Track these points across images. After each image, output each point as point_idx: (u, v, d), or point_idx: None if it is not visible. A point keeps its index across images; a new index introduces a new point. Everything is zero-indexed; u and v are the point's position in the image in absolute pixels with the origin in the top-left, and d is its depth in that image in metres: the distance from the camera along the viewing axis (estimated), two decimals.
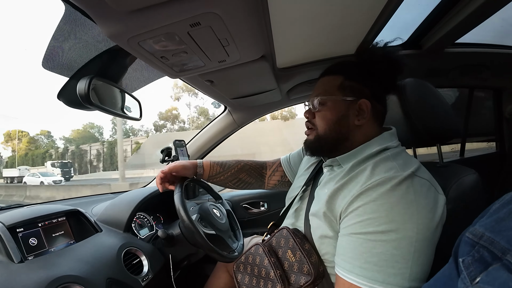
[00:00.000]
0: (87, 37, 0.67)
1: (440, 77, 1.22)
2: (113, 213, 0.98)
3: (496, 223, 0.30)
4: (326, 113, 0.69)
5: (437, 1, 0.83)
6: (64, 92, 0.74)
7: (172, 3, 0.47)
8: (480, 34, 1.09)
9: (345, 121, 0.67)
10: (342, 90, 0.68)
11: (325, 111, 0.69)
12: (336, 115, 0.68)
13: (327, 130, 0.68)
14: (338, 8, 0.63)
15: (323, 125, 0.69)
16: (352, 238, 0.54)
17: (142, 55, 0.62)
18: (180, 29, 0.54)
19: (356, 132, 0.67)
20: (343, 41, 0.81)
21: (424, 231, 0.50)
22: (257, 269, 0.70)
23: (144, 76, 0.92)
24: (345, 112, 0.67)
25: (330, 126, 0.68)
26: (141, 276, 0.81)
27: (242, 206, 1.49)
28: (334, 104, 0.68)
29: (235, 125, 1.43)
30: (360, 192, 0.55)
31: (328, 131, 0.68)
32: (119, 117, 0.85)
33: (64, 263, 0.69)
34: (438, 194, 0.56)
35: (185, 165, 0.89)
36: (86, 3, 0.48)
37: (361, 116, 0.67)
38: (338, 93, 0.68)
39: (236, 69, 0.82)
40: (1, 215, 0.74)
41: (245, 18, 0.55)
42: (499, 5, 0.75)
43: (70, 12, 0.57)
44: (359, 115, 0.67)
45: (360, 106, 0.66)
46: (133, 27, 0.52)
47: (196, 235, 0.76)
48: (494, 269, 0.27)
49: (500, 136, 1.52)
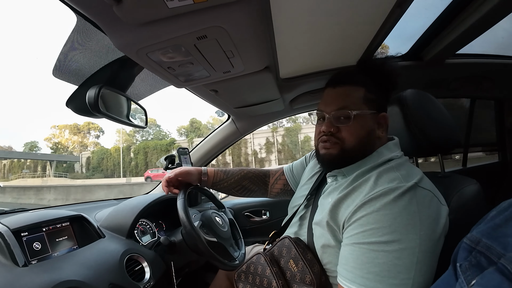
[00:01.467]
0: (96, 48, 0.69)
1: (441, 88, 1.23)
2: (116, 219, 0.99)
3: (492, 230, 0.31)
4: (356, 126, 0.65)
5: (438, 12, 0.85)
6: (73, 100, 0.76)
7: (181, 17, 0.49)
8: (481, 45, 1.10)
9: (373, 135, 0.67)
10: (366, 103, 0.66)
11: (356, 125, 0.65)
12: (365, 130, 0.66)
13: (356, 144, 0.65)
14: (341, 20, 0.64)
15: (353, 140, 0.65)
16: (355, 248, 0.54)
17: (150, 65, 0.64)
18: (187, 42, 0.56)
19: (376, 144, 0.68)
20: (345, 52, 0.82)
21: (427, 242, 0.50)
22: (259, 279, 0.70)
23: (151, 85, 0.94)
24: (372, 126, 0.67)
25: (360, 141, 0.66)
26: (143, 282, 0.81)
27: (244, 214, 1.49)
28: (363, 118, 0.66)
29: (238, 133, 1.45)
30: (363, 202, 0.56)
31: (358, 145, 0.66)
32: (125, 124, 0.87)
33: (67, 268, 0.70)
34: (441, 205, 0.57)
35: (190, 171, 0.91)
36: (98, 16, 0.50)
37: (382, 129, 0.67)
38: (365, 107, 0.66)
39: (240, 80, 0.84)
40: (6, 219, 0.75)
41: (249, 31, 0.57)
42: (499, 16, 0.76)
43: (81, 23, 0.59)
44: (381, 128, 0.67)
45: (379, 119, 0.67)
46: (142, 39, 0.53)
47: (198, 241, 0.76)
48: (489, 272, 0.28)
49: (502, 146, 1.52)
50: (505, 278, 0.26)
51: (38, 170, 38.45)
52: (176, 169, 0.90)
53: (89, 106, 0.67)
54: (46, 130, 64.52)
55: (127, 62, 0.74)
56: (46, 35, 68.07)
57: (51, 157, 39.16)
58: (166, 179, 0.89)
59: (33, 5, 77.29)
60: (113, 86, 0.75)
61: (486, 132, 1.61)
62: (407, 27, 0.86)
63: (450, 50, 0.95)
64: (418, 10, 0.82)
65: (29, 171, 38.09)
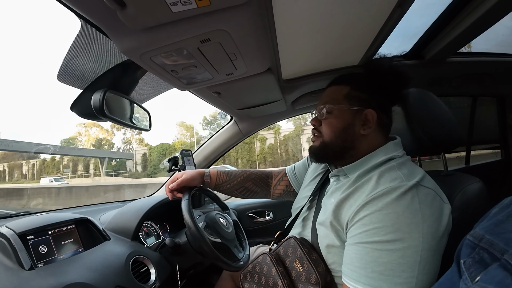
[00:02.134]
0: (100, 52, 0.69)
1: (443, 86, 1.23)
2: (121, 221, 0.99)
3: (495, 226, 0.31)
4: (332, 120, 0.70)
5: (439, 11, 0.85)
6: (77, 104, 0.76)
7: (184, 21, 0.50)
8: (482, 44, 1.10)
9: (350, 130, 0.68)
10: (348, 99, 0.70)
11: (332, 119, 0.70)
12: (342, 123, 0.69)
13: (333, 137, 0.70)
14: (342, 21, 0.65)
15: (329, 132, 0.70)
16: (359, 247, 0.55)
17: (154, 69, 0.64)
18: (190, 45, 0.56)
19: (361, 141, 0.69)
20: (346, 52, 0.83)
21: (430, 240, 0.51)
22: (265, 279, 0.70)
23: (154, 88, 0.95)
24: (351, 121, 0.68)
25: (336, 134, 0.69)
26: (149, 284, 0.81)
27: (248, 215, 1.49)
28: (340, 112, 0.70)
29: (240, 134, 1.45)
30: (366, 202, 0.56)
31: (334, 138, 0.69)
32: (129, 127, 0.88)
33: (73, 271, 0.70)
34: (443, 203, 0.57)
35: (192, 176, 0.91)
36: (102, 21, 0.50)
37: (366, 126, 0.68)
38: (345, 102, 0.70)
39: (243, 81, 0.84)
40: (12, 223, 0.76)
41: (252, 34, 0.57)
42: (500, 14, 0.76)
43: (85, 28, 0.60)
44: (365, 125, 0.68)
45: (366, 116, 0.68)
46: (146, 43, 0.54)
47: (202, 243, 0.77)
48: (492, 268, 0.28)
49: (504, 143, 1.52)
50: (508, 274, 0.26)
51: (78, 169, 35.37)
52: (179, 174, 0.90)
53: (94, 110, 0.68)
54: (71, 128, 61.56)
55: (131, 66, 0.75)
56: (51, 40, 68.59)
57: (104, 154, 34.67)
58: (168, 185, 0.90)
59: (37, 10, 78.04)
60: (117, 89, 0.75)
61: (488, 130, 1.60)
62: (408, 26, 0.86)
63: (451, 49, 0.95)
64: (419, 9, 0.82)
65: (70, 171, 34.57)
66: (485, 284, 0.27)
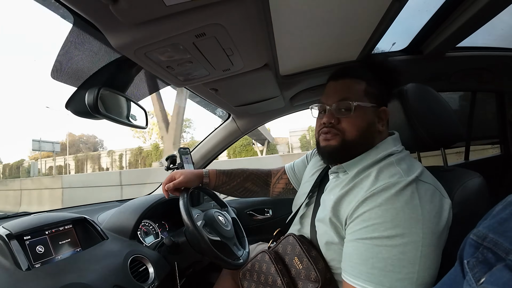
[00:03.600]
0: (94, 48, 0.68)
1: (442, 81, 1.23)
2: (119, 220, 0.99)
3: (499, 224, 0.30)
4: (357, 119, 0.66)
5: (437, 6, 0.84)
6: (72, 102, 0.75)
7: (178, 15, 0.49)
8: (481, 38, 1.09)
9: (373, 128, 0.67)
10: (367, 96, 0.67)
11: (356, 116, 0.66)
12: (366, 122, 0.66)
13: (356, 136, 0.66)
14: (340, 15, 0.64)
15: (353, 131, 0.66)
16: (358, 243, 0.54)
17: (149, 65, 0.64)
18: (185, 40, 0.55)
19: (377, 138, 0.68)
20: (345, 47, 0.82)
21: (430, 236, 0.50)
22: (264, 277, 0.70)
23: (150, 85, 0.94)
24: (373, 119, 0.67)
25: (360, 133, 0.66)
26: (147, 283, 0.81)
27: (247, 213, 1.48)
28: (364, 110, 0.66)
29: (239, 132, 1.44)
30: (365, 198, 0.56)
31: (358, 137, 0.66)
32: (125, 125, 0.86)
33: (71, 271, 0.70)
34: (443, 198, 0.57)
35: (189, 179, 0.89)
36: (95, 16, 0.49)
37: (383, 123, 0.68)
38: (366, 99, 0.67)
39: (240, 78, 0.83)
40: (9, 223, 0.75)
41: (248, 28, 0.56)
42: (499, 8, 0.76)
43: (79, 24, 0.59)
44: (380, 122, 0.68)
45: (380, 113, 0.67)
46: (140, 38, 0.53)
47: (201, 241, 0.76)
48: (498, 269, 0.27)
49: (504, 138, 1.51)
50: None
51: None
52: (176, 174, 0.89)
53: (88, 107, 0.67)
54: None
55: (126, 62, 0.74)
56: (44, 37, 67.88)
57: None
58: (165, 183, 0.88)
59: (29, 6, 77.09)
60: (112, 87, 0.74)
61: (488, 125, 1.60)
62: (407, 21, 0.86)
63: (450, 43, 0.94)
64: (417, 3, 0.81)
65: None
66: (490, 286, 0.26)
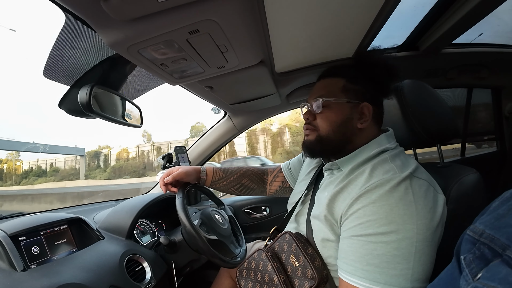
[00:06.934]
0: (87, 46, 0.67)
1: (438, 78, 1.23)
2: (115, 220, 0.98)
3: (496, 220, 0.30)
4: (330, 115, 0.68)
5: (433, 2, 0.84)
6: (65, 101, 0.74)
7: (171, 12, 0.48)
8: (477, 34, 1.10)
9: (349, 124, 0.67)
10: (345, 92, 0.68)
11: (329, 113, 0.68)
12: (340, 117, 0.67)
13: (330, 132, 0.68)
14: (335, 12, 0.63)
15: (326, 127, 0.68)
16: (353, 240, 0.54)
17: (142, 62, 0.63)
18: (179, 37, 0.54)
19: (358, 135, 0.68)
20: (340, 44, 0.81)
21: (424, 231, 0.50)
22: (261, 275, 0.69)
23: (144, 84, 0.93)
24: (349, 114, 0.67)
25: (334, 128, 0.68)
26: (144, 283, 0.80)
27: (244, 211, 1.49)
28: (338, 106, 0.68)
29: (235, 130, 1.44)
30: (359, 195, 0.56)
31: (332, 133, 0.68)
32: (120, 124, 0.85)
33: (66, 271, 0.69)
34: (437, 193, 0.57)
35: (187, 171, 0.90)
36: (86, 13, 0.48)
37: (363, 120, 0.67)
38: (342, 96, 0.68)
39: (235, 75, 0.83)
40: (3, 224, 0.74)
41: (243, 25, 0.55)
42: (494, 5, 0.76)
43: (70, 21, 0.58)
44: (361, 118, 0.67)
45: (362, 109, 0.67)
46: (132, 35, 0.52)
47: (198, 241, 0.76)
48: (494, 265, 0.27)
49: (500, 134, 1.52)
50: (511, 270, 0.25)
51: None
52: (174, 168, 0.89)
53: (81, 106, 0.66)
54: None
55: (119, 60, 0.73)
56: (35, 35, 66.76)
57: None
58: (164, 181, 0.89)
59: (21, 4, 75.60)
60: (106, 85, 0.73)
61: (484, 121, 1.61)
62: (403, 17, 0.85)
63: (446, 40, 0.95)
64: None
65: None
66: (487, 281, 0.26)
